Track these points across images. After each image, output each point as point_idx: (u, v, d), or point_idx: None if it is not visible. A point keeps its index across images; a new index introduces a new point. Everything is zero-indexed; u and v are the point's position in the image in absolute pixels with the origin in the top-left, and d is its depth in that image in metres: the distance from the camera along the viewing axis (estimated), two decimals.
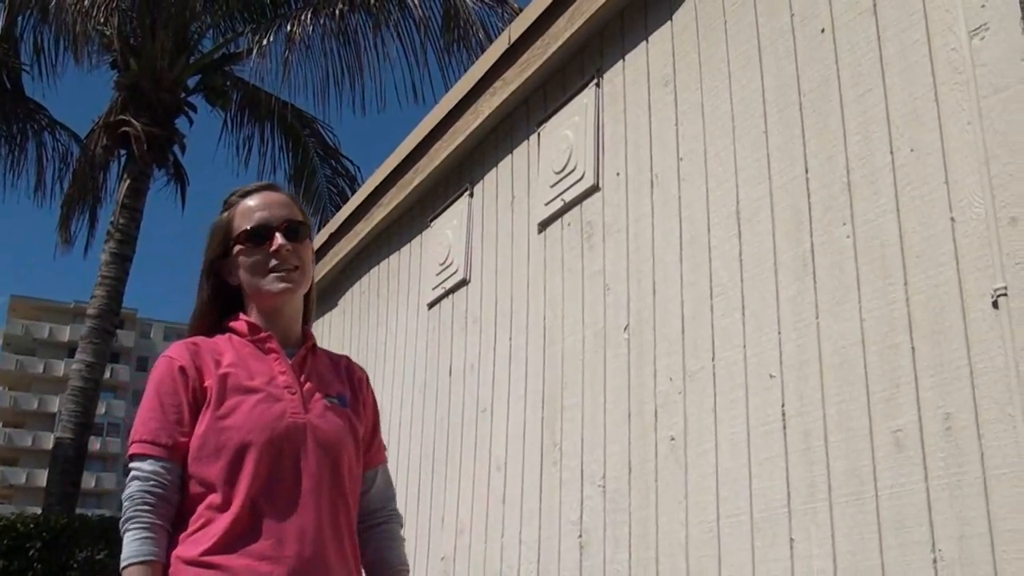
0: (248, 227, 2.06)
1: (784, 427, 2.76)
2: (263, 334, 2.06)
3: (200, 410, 1.95)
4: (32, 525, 9.66)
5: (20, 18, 11.74)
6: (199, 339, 2.06)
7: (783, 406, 2.77)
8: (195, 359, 1.99)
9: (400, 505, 5.19)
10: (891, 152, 2.56)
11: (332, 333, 6.43)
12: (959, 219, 2.34)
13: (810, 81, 2.87)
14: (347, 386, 2.15)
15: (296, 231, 2.08)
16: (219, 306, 2.13)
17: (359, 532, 2.11)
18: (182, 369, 1.98)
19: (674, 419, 3.18)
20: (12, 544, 9.42)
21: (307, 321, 2.18)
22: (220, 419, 1.93)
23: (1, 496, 62.78)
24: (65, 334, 70.42)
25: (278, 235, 2.06)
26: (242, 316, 2.09)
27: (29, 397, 71.38)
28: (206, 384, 1.96)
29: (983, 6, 2.34)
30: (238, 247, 2.07)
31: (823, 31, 2.85)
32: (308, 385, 2.04)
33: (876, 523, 2.43)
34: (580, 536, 3.54)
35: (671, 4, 3.53)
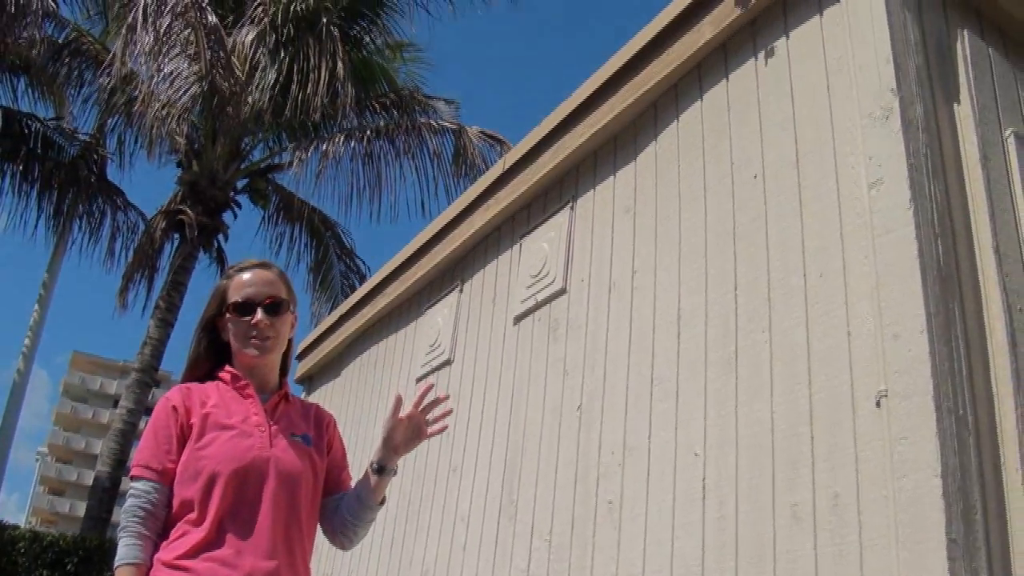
0: (237, 300, 2.15)
1: (704, 498, 2.77)
2: (243, 382, 2.14)
3: (186, 442, 2.02)
4: (72, 543, 9.82)
5: (109, 119, 12.01)
6: (193, 384, 2.15)
7: (704, 480, 2.78)
8: (186, 400, 2.07)
9: (376, 548, 5.10)
10: (804, 276, 2.63)
11: (333, 399, 6.40)
12: (854, 333, 2.40)
13: (743, 216, 2.96)
14: (312, 428, 2.20)
15: (277, 307, 2.17)
16: (214, 356, 2.21)
17: (334, 511, 2.18)
18: (174, 408, 2.05)
19: (613, 486, 3.18)
20: (55, 558, 9.69)
21: (284, 373, 2.25)
22: (199, 449, 2.00)
23: (48, 521, 61.30)
24: (112, 387, 69.58)
25: (259, 311, 2.14)
26: (228, 367, 2.17)
27: (78, 438, 70.25)
28: (191, 421, 2.03)
29: (879, 165, 2.45)
30: (228, 314, 2.16)
31: (756, 177, 2.95)
32: (276, 425, 2.10)
33: None
34: None
35: (636, 148, 3.65)
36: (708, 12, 3.29)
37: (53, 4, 11.38)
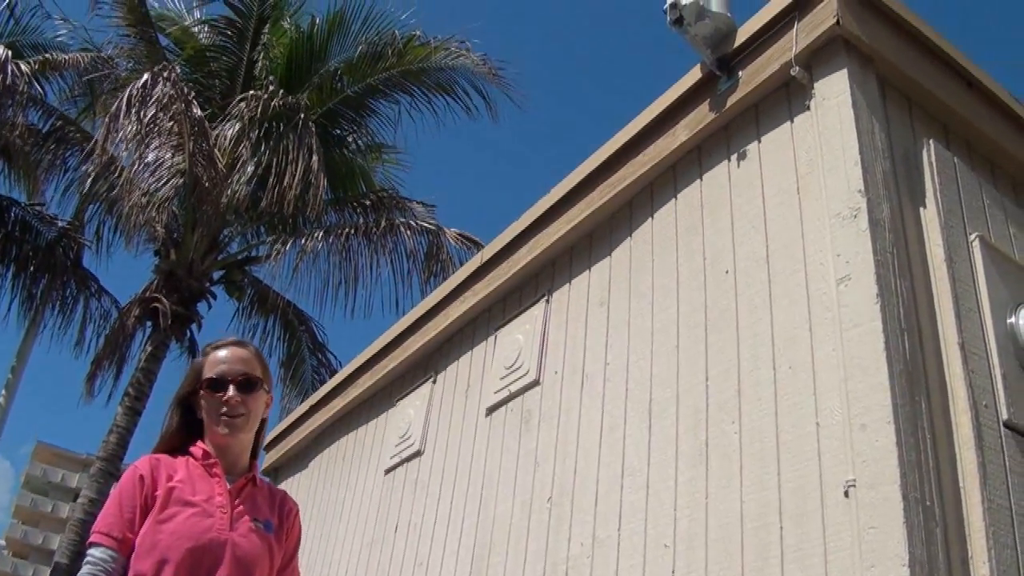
0: (211, 376, 2.17)
1: None
2: (212, 460, 2.14)
3: (148, 513, 2.00)
4: None
5: (90, 206, 12.07)
6: (162, 456, 2.14)
7: (673, 572, 2.75)
8: (154, 471, 2.07)
9: None
10: (774, 368, 2.67)
11: (300, 491, 6.26)
12: (823, 424, 2.42)
13: (715, 310, 3.02)
14: (275, 515, 2.19)
15: (249, 385, 2.17)
16: (186, 432, 2.20)
17: None
18: (141, 478, 2.05)
19: None
20: None
21: (255, 455, 2.25)
22: (159, 523, 1.98)
23: None
24: (74, 481, 67.46)
25: (231, 387, 2.15)
26: (200, 443, 2.17)
27: (36, 533, 67.53)
28: (156, 493, 2.03)
29: (847, 262, 2.52)
30: (201, 391, 2.17)
31: (727, 272, 3.02)
32: (240, 508, 2.09)
33: None
34: None
35: (611, 243, 3.72)
36: (683, 116, 3.42)
37: (41, 91, 11.57)
